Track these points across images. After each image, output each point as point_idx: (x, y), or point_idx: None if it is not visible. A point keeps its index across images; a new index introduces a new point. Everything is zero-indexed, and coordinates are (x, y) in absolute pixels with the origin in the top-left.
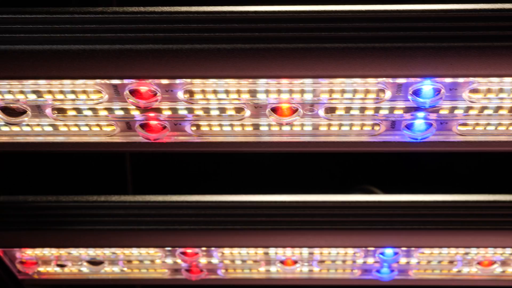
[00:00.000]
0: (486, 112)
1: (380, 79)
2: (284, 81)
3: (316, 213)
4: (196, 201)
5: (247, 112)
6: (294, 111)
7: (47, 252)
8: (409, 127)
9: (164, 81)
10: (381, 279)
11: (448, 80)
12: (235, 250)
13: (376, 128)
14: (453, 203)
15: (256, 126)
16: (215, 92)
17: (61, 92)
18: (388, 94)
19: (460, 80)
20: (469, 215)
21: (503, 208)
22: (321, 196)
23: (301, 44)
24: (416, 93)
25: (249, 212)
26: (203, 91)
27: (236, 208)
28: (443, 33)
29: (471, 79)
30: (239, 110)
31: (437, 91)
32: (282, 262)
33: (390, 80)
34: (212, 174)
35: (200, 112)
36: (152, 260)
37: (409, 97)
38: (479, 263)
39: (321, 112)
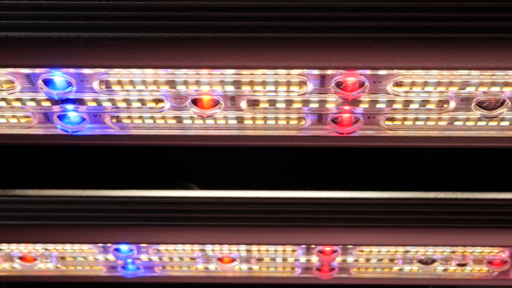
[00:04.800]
0: (134, 105)
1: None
2: None
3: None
4: None
5: None
6: None
7: None
8: (61, 119)
9: None
10: (126, 276)
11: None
12: None
13: (25, 121)
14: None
15: None
16: None
17: None
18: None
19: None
20: (219, 212)
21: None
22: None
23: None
24: (47, 83)
25: None
26: None
27: None
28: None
29: (100, 70)
30: None
31: (69, 83)
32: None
33: (19, 70)
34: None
35: None
36: None
37: (40, 87)
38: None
39: None
